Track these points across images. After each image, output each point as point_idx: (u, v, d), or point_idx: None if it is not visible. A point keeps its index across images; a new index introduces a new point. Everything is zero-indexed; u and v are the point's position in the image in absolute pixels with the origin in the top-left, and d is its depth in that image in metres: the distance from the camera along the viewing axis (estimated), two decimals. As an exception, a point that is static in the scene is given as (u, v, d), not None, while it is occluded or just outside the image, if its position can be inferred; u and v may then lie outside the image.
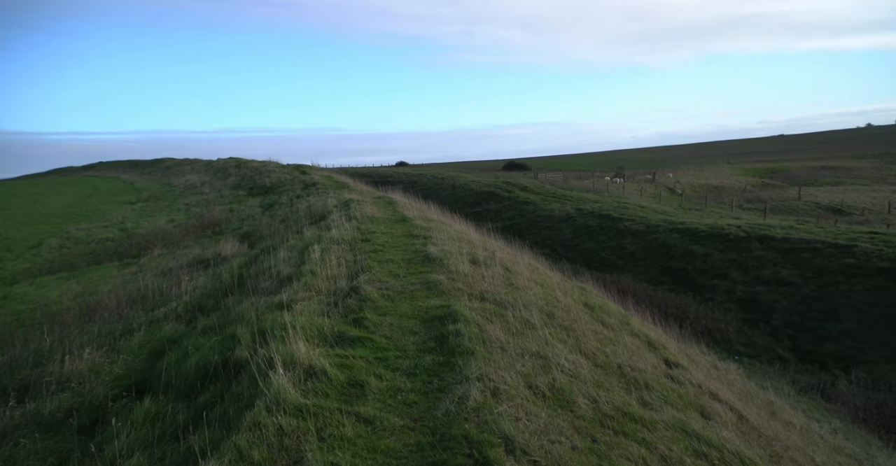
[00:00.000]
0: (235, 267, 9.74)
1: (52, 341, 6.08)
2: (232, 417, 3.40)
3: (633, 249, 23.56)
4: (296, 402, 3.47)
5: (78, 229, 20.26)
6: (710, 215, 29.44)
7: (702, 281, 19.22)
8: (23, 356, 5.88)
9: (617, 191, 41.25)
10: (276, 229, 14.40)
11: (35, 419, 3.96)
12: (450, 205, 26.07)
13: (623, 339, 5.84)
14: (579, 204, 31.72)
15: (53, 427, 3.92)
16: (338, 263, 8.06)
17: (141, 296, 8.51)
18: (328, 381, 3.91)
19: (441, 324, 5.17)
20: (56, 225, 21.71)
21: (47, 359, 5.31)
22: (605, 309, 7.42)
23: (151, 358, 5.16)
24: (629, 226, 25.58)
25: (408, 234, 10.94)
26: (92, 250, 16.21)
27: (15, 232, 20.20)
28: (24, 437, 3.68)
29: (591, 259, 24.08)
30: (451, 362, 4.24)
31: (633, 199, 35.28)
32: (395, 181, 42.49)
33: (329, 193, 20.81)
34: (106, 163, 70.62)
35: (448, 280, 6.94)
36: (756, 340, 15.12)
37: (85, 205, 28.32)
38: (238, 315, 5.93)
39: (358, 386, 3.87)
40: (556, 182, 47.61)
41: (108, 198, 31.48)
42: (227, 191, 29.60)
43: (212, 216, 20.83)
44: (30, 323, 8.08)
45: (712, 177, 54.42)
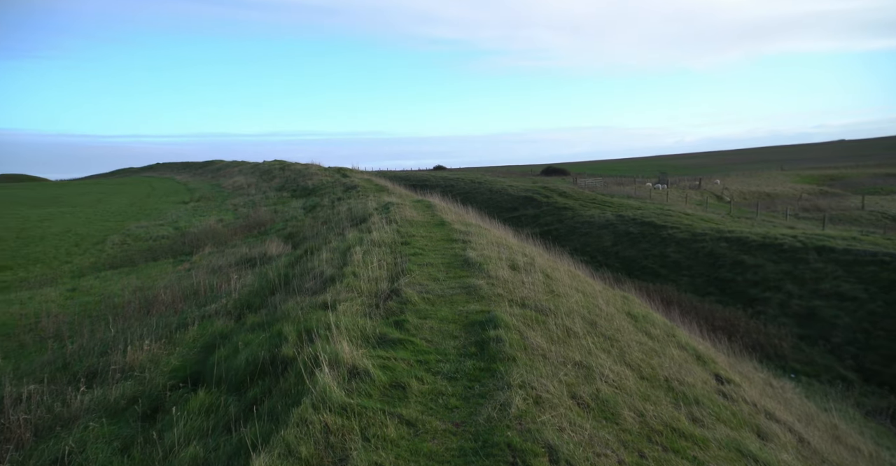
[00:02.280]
0: (280, 266, 10.06)
1: (115, 332, 6.46)
2: (280, 412, 3.52)
3: (678, 258, 22.80)
4: (340, 401, 3.55)
5: (137, 227, 21.44)
6: (761, 224, 28.13)
7: (753, 294, 18.37)
8: (90, 345, 6.27)
9: (660, 198, 40.03)
10: (318, 230, 14.77)
11: (102, 404, 4.22)
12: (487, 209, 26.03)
13: (669, 351, 5.66)
14: (620, 210, 31.00)
15: (118, 412, 4.16)
16: (378, 265, 8.18)
17: (193, 292, 8.91)
18: (371, 382, 3.98)
19: (481, 330, 5.17)
20: (118, 222, 23.06)
21: (112, 349, 5.65)
22: (649, 319, 7.22)
23: (204, 351, 5.40)
24: (673, 234, 24.77)
25: (447, 238, 11.00)
26: (149, 247, 17.11)
27: (83, 228, 21.59)
28: (92, 421, 3.92)
29: (633, 267, 23.46)
30: (492, 368, 4.23)
31: (677, 206, 34.16)
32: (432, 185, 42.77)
33: (369, 196, 21.19)
34: (163, 164, 74.50)
35: (488, 285, 6.93)
36: (814, 358, 14.30)
37: (143, 205, 29.94)
38: (284, 313, 6.12)
39: (400, 388, 3.92)
40: (596, 187, 46.70)
41: (164, 198, 33.16)
42: (272, 193, 30.61)
43: (258, 216, 21.59)
44: (95, 314, 8.61)
45: (764, 183, 51.99)
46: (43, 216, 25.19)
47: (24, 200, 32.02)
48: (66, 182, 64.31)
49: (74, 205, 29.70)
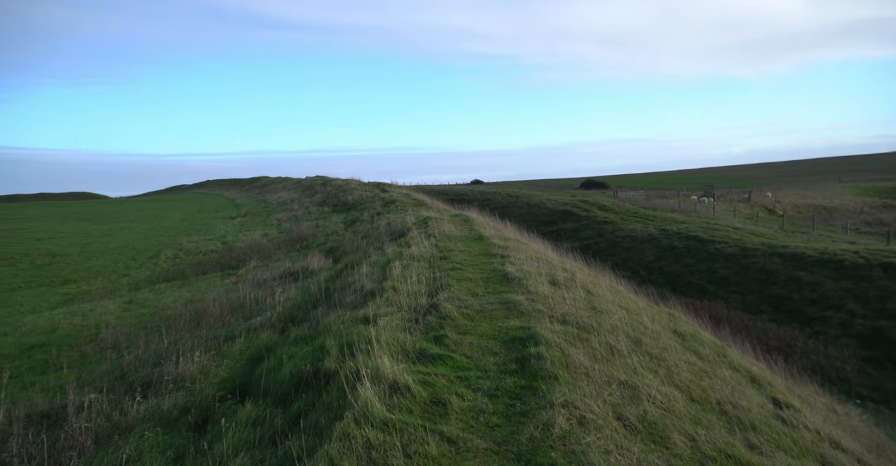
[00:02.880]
0: (322, 280, 10.28)
1: (168, 343, 6.75)
2: (323, 426, 3.56)
3: (726, 274, 21.81)
4: (382, 416, 3.56)
5: (188, 241, 22.50)
6: (818, 239, 26.61)
7: (810, 312, 17.31)
8: (145, 355, 6.58)
9: (706, 212, 38.57)
10: (358, 245, 15.03)
11: (156, 414, 4.40)
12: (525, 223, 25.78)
13: (721, 372, 5.39)
14: (663, 224, 30.06)
15: (171, 422, 4.32)
16: (418, 280, 8.23)
17: (240, 305, 9.22)
18: (412, 397, 3.98)
19: (522, 346, 5.09)
20: (171, 237, 24.28)
21: (165, 360, 5.90)
22: (697, 337, 6.91)
23: (250, 363, 5.55)
24: (721, 249, 23.76)
25: (485, 253, 10.96)
26: (199, 261, 17.89)
27: (139, 243, 22.86)
28: (147, 430, 4.09)
29: (678, 283, 22.60)
30: (534, 386, 4.15)
31: (724, 220, 32.81)
32: (470, 199, 42.87)
33: (407, 210, 21.45)
34: (213, 181, 78.17)
35: (527, 301, 6.84)
36: (883, 382, 13.27)
37: (194, 220, 31.41)
38: (326, 327, 6.23)
39: (440, 405, 3.90)
40: (638, 201, 45.53)
41: (213, 214, 34.70)
42: (314, 208, 31.48)
43: (300, 231, 22.23)
44: (150, 326, 9.04)
45: (820, 196, 49.27)
46: (104, 231, 26.82)
47: (87, 217, 34.21)
48: (125, 199, 68.36)
49: (132, 221, 31.48)
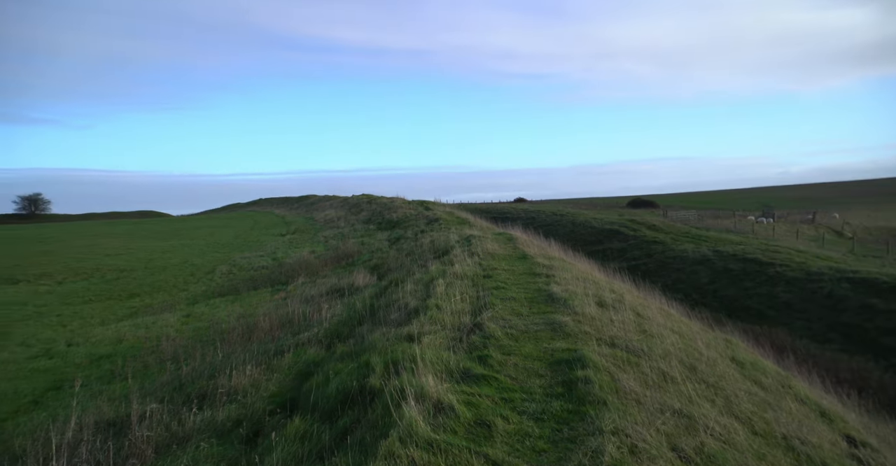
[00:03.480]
0: (367, 297, 10.45)
1: (222, 356, 7.04)
2: (369, 444, 3.59)
3: (788, 299, 20.50)
4: (426, 436, 3.55)
5: (241, 258, 23.52)
6: (894, 264, 24.63)
7: (887, 343, 15.95)
8: (201, 368, 6.88)
9: (764, 233, 36.60)
10: (402, 262, 15.21)
11: (211, 425, 4.58)
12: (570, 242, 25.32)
13: (786, 404, 5.03)
14: (717, 245, 28.73)
15: (224, 434, 4.48)
16: (461, 298, 8.22)
17: (289, 320, 9.50)
18: (456, 418, 3.95)
19: (568, 369, 4.97)
20: (225, 253, 25.47)
21: (219, 372, 6.14)
22: (758, 366, 6.51)
23: (299, 378, 5.69)
24: (782, 272, 22.39)
25: (529, 272, 10.83)
26: (251, 276, 18.64)
27: (197, 259, 24.11)
28: (203, 441, 4.26)
29: (734, 307, 21.43)
30: (582, 411, 4.03)
31: (786, 242, 30.99)
32: (513, 217, 42.64)
33: (451, 229, 21.57)
34: (265, 199, 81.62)
35: (574, 322, 6.69)
36: (969, 422, 11.95)
37: (247, 237, 32.85)
38: (371, 344, 6.31)
39: (485, 426, 3.85)
40: (689, 220, 43.83)
41: (264, 231, 36.18)
42: (360, 226, 32.23)
43: (346, 248, 22.78)
44: (206, 339, 9.46)
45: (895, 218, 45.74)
46: (166, 248, 28.47)
47: (151, 234, 36.48)
48: (185, 217, 72.46)
49: (191, 238, 33.28)
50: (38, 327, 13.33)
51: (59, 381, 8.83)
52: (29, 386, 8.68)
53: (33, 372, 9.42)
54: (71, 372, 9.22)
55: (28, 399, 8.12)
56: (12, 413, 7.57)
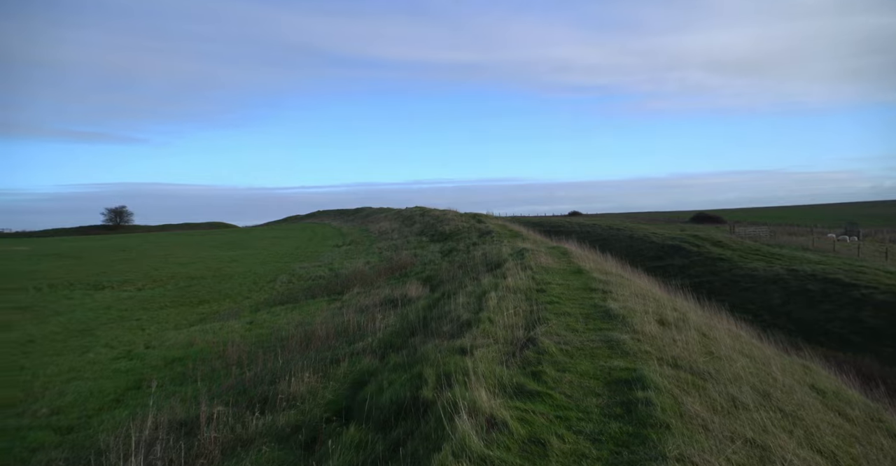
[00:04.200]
0: (419, 308, 10.56)
1: (282, 363, 7.33)
2: (422, 456, 3.60)
3: (876, 324, 18.70)
4: (479, 452, 3.52)
5: (300, 268, 24.49)
6: None
7: None
8: (262, 373, 7.19)
9: (847, 252, 33.68)
10: (454, 274, 15.25)
11: (271, 430, 4.77)
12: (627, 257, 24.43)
13: (876, 440, 4.56)
14: (792, 263, 26.77)
15: (284, 439, 4.64)
16: (514, 312, 8.13)
17: (344, 329, 9.75)
18: (509, 434, 3.88)
19: (627, 389, 4.78)
20: (286, 263, 26.63)
21: (279, 378, 6.40)
22: (842, 396, 5.96)
23: (353, 387, 5.81)
24: (869, 295, 20.49)
25: (585, 287, 10.56)
26: (309, 286, 19.35)
27: (260, 268, 25.38)
28: (264, 445, 4.44)
29: (812, 331, 19.79)
30: (642, 434, 3.85)
31: (873, 262, 28.38)
32: (567, 231, 41.77)
33: (503, 242, 21.43)
34: (322, 211, 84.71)
35: (632, 340, 6.44)
36: None
37: (306, 248, 34.20)
38: (423, 355, 6.35)
39: (539, 445, 3.76)
40: (760, 237, 41.15)
41: (322, 242, 37.54)
42: (413, 237, 32.73)
43: (399, 260, 23.17)
44: (267, 345, 9.89)
45: None
46: (233, 257, 30.15)
47: (220, 244, 38.77)
48: (249, 228, 76.46)
49: (254, 249, 35.07)
50: (121, 330, 14.45)
51: (138, 381, 9.51)
52: (112, 385, 9.40)
53: (116, 373, 10.20)
54: (148, 373, 9.91)
55: (111, 398, 8.79)
56: (97, 410, 8.22)
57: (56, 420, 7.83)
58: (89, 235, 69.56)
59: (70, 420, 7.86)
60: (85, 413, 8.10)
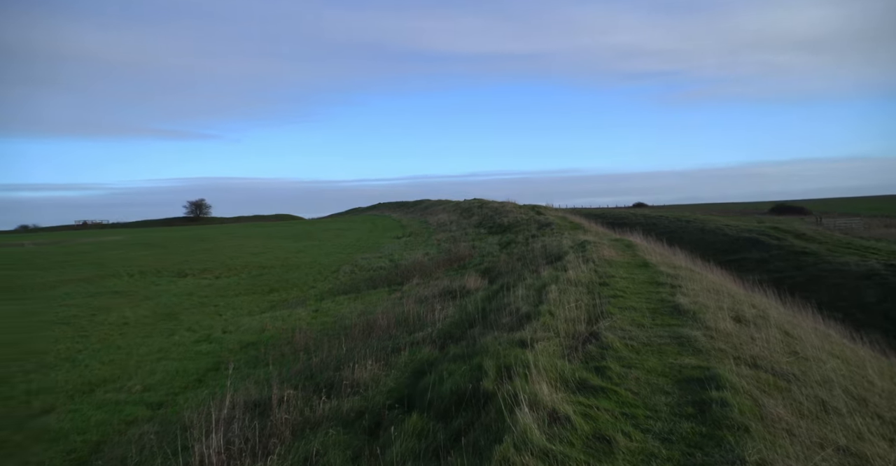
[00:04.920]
0: (478, 300, 10.54)
1: (345, 350, 7.59)
2: (483, 448, 3.59)
3: None
4: (541, 445, 3.46)
5: (362, 258, 25.23)
6: None
7: None
8: (328, 359, 7.49)
9: (959, 242, 29.98)
10: (513, 266, 15.10)
11: (337, 414, 4.96)
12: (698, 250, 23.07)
13: None
14: (891, 258, 24.17)
15: (349, 423, 4.81)
16: (576, 306, 7.93)
17: (404, 319, 9.94)
18: (572, 429, 3.79)
19: (700, 388, 4.52)
20: (348, 254, 27.54)
21: (343, 365, 6.64)
22: (953, 405, 5.31)
23: (414, 376, 5.91)
24: None
25: (651, 281, 10.12)
26: (371, 276, 19.90)
27: (324, 259, 26.42)
28: (331, 428, 4.63)
29: (914, 331, 17.79)
30: (718, 436, 3.62)
31: None
32: (631, 223, 40.09)
33: (563, 234, 20.94)
34: (383, 203, 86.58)
35: (705, 337, 6.09)
36: None
37: (367, 239, 35.18)
38: (482, 347, 6.33)
39: (604, 441, 3.64)
40: (852, 229, 37.55)
41: (383, 234, 38.44)
42: (471, 229, 32.73)
43: (458, 251, 23.26)
44: (331, 333, 10.29)
45: None
46: (299, 248, 31.58)
47: (287, 236, 40.74)
48: (314, 220, 79.72)
49: (319, 240, 36.52)
50: (201, 315, 15.58)
51: (217, 363, 10.21)
52: (194, 366, 10.17)
53: (197, 355, 11.01)
54: (225, 355, 10.62)
55: (194, 378, 9.51)
56: (182, 389, 8.93)
57: (147, 397, 8.59)
58: (173, 226, 75.44)
59: (159, 396, 8.59)
60: (172, 391, 8.82)
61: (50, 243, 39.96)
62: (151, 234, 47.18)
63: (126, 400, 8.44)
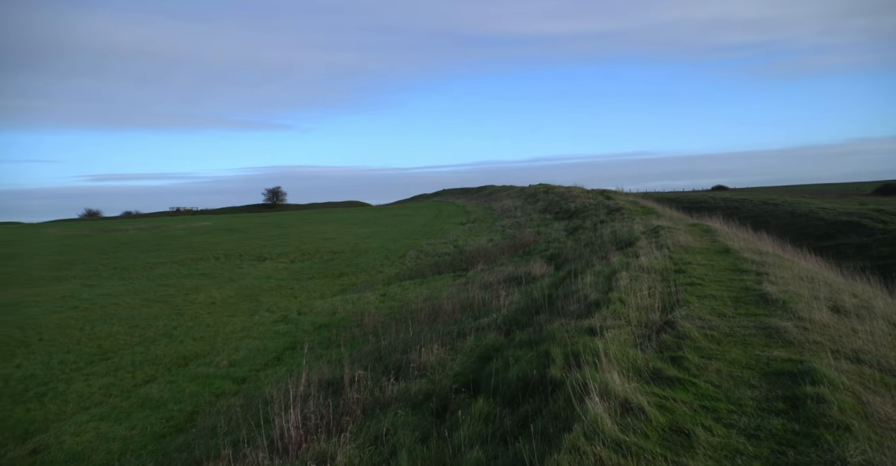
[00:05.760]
0: (544, 286, 10.35)
1: (412, 334, 7.76)
2: (552, 435, 3.53)
3: None
4: (613, 436, 3.35)
5: (427, 244, 25.62)
6: None
7: None
8: (395, 342, 7.70)
9: None
10: (580, 253, 14.68)
11: (405, 396, 5.09)
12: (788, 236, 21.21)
13: None
14: None
15: (417, 405, 4.93)
16: (648, 293, 7.58)
17: (469, 305, 9.98)
18: (647, 421, 3.63)
19: (792, 383, 4.17)
20: (414, 240, 28.07)
21: (410, 348, 6.80)
22: None
23: (479, 361, 5.93)
24: None
25: (733, 268, 9.46)
26: (435, 262, 20.17)
27: (391, 244, 27.12)
28: (400, 409, 4.77)
29: None
30: (814, 434, 3.33)
31: None
32: (710, 207, 37.55)
33: (635, 219, 20.02)
34: (448, 190, 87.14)
35: (797, 328, 5.61)
36: None
37: (432, 225, 35.63)
38: (549, 334, 6.22)
39: (682, 435, 3.46)
40: (976, 208, 32.76)
41: (447, 220, 38.76)
42: (536, 215, 32.16)
43: (522, 237, 22.96)
44: (398, 317, 10.57)
45: None
46: (367, 234, 32.59)
47: (356, 221, 42.15)
48: (382, 207, 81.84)
49: (386, 226, 37.47)
50: (278, 297, 16.57)
51: (293, 343, 10.84)
52: (273, 345, 10.86)
53: (276, 334, 11.75)
54: (300, 336, 11.25)
55: (273, 356, 10.17)
56: (263, 366, 9.57)
57: (233, 372, 9.30)
58: (253, 213, 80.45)
59: (243, 372, 9.27)
60: (254, 368, 9.48)
61: (148, 228, 44.10)
62: (234, 220, 50.67)
63: (215, 374, 9.19)
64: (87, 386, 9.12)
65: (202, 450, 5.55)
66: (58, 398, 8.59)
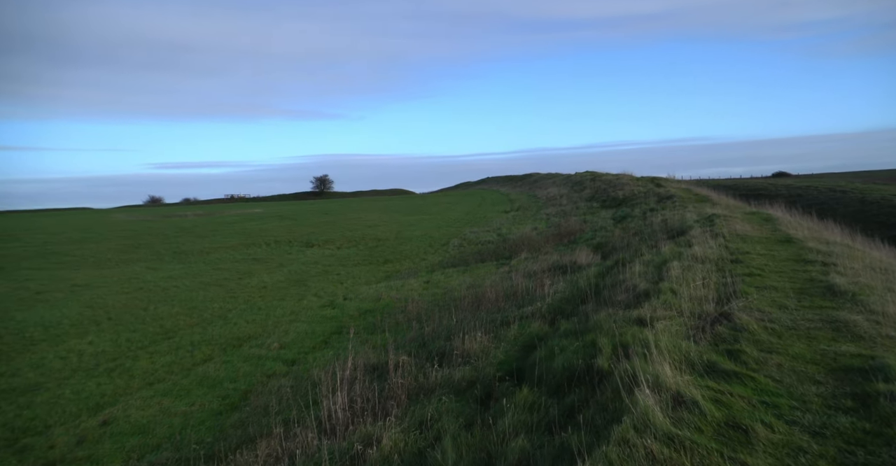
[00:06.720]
0: (590, 276, 10.12)
1: (455, 321, 7.79)
2: (599, 426, 3.46)
3: None
4: (665, 429, 3.24)
5: (470, 232, 25.61)
6: None
7: None
8: (438, 329, 7.77)
9: None
10: (628, 242, 14.24)
11: (448, 382, 5.13)
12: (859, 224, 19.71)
13: None
14: None
15: (460, 392, 4.95)
16: (702, 284, 7.27)
17: (512, 293, 9.90)
18: (701, 415, 3.49)
19: (862, 379, 3.90)
20: (457, 228, 28.11)
21: (453, 336, 6.83)
22: None
23: (524, 350, 5.88)
24: None
25: (796, 258, 8.92)
26: (479, 250, 20.13)
27: (434, 232, 27.30)
28: (444, 395, 4.82)
29: None
30: (887, 434, 3.10)
31: None
32: (771, 194, 35.40)
33: (687, 207, 19.18)
34: (492, 178, 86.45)
35: (868, 322, 5.25)
36: None
37: (475, 213, 35.54)
38: (595, 324, 6.08)
39: (740, 431, 3.30)
40: None
41: (490, 208, 38.55)
42: (582, 203, 31.41)
43: (568, 226, 22.50)
44: (442, 304, 10.63)
45: None
46: (411, 222, 32.92)
47: (400, 209, 42.63)
48: (425, 194, 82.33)
49: (430, 213, 37.69)
50: (325, 282, 17.06)
51: (339, 327, 11.14)
52: (321, 329, 11.20)
53: (323, 319, 12.11)
54: (346, 321, 11.54)
55: (321, 339, 10.50)
56: (312, 349, 9.91)
57: (283, 354, 9.68)
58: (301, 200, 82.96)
59: (293, 354, 9.63)
60: (303, 350, 9.83)
61: (205, 214, 46.39)
62: (284, 207, 52.44)
63: (266, 356, 9.60)
64: (151, 363, 9.75)
65: (255, 428, 5.83)
66: (125, 373, 9.24)
